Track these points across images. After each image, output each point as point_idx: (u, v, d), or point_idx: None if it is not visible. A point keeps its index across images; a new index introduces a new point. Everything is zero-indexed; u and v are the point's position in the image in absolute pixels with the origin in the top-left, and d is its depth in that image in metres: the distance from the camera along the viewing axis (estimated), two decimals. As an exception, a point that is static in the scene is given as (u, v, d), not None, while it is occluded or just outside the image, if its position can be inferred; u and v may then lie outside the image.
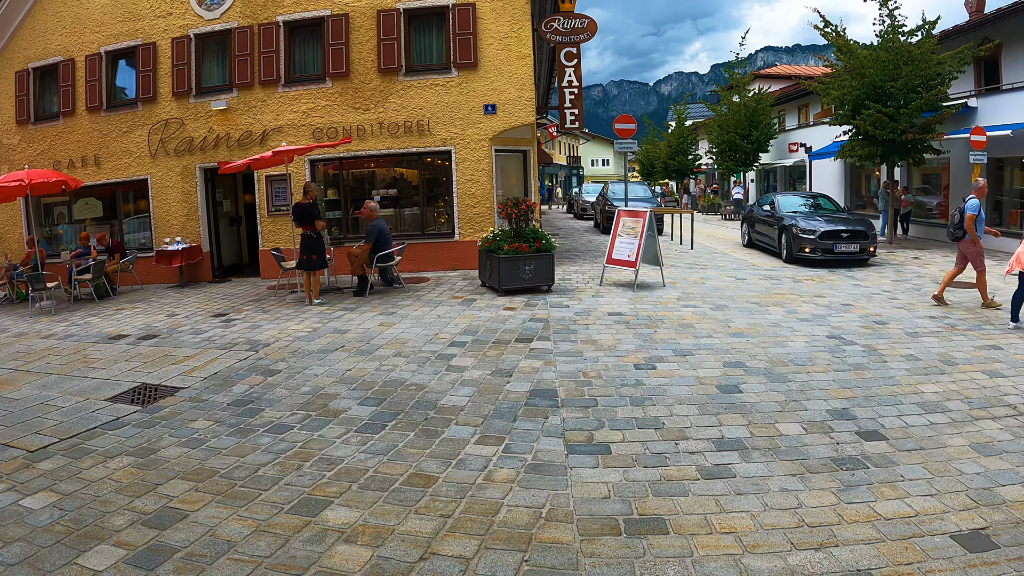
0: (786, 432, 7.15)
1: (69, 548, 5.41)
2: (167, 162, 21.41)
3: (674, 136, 51.37)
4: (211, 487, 6.40)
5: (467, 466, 6.58)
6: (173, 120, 21.25)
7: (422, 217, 20.15)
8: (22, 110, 23.21)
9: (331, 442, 7.34)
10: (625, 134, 22.94)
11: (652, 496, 5.85)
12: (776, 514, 5.48)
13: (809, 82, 27.36)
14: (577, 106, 20.64)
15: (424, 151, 19.77)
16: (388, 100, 19.57)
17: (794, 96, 40.56)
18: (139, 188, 22.15)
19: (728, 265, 19.18)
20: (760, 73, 52.22)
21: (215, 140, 20.80)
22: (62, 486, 6.62)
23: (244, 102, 20.57)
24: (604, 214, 30.47)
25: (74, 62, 22.26)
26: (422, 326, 12.40)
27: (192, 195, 21.27)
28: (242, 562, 5.07)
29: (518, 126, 19.27)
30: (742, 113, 37.96)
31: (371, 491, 6.14)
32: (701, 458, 6.59)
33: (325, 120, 19.90)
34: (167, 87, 21.24)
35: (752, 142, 37.86)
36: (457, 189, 19.46)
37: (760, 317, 12.25)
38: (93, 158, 22.21)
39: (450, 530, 5.39)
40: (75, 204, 23.18)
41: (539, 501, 5.81)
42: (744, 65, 42.14)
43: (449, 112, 19.30)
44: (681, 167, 51.25)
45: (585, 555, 4.99)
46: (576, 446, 6.95)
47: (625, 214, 15.92)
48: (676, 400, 8.16)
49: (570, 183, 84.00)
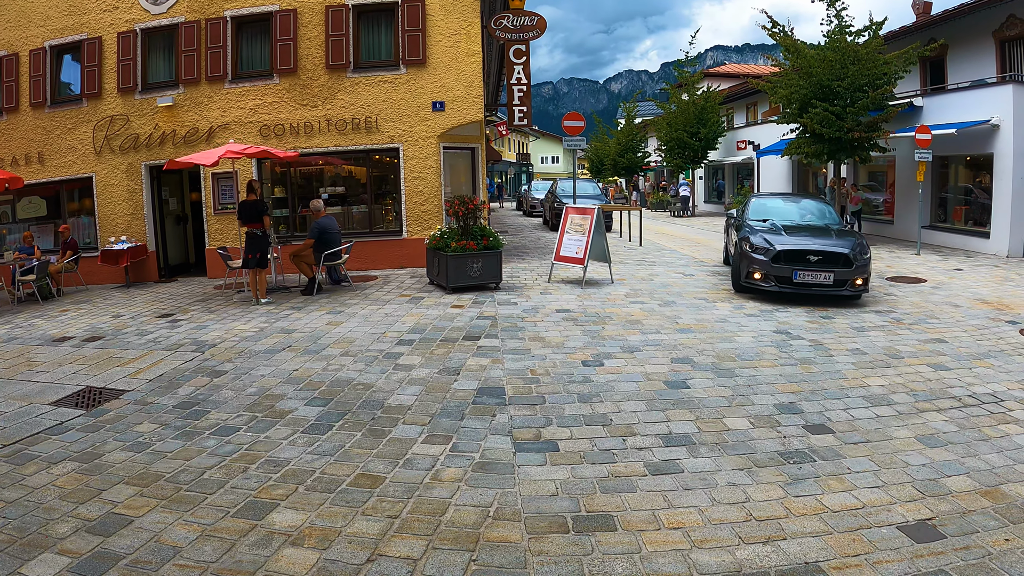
0: (733, 427, 7.25)
1: (12, 557, 5.32)
2: (112, 160, 21.10)
3: (623, 134, 51.69)
4: (156, 491, 6.34)
5: (414, 466, 6.58)
6: (118, 117, 20.94)
7: (370, 215, 20.06)
8: (-36, 107, 22.74)
9: (277, 444, 7.30)
10: (574, 131, 23.00)
11: (600, 493, 5.89)
12: (724, 508, 5.56)
13: (757, 81, 27.66)
14: (526, 103, 20.66)
15: (372, 148, 19.69)
16: (336, 97, 19.47)
17: (743, 95, 41.00)
18: (84, 186, 21.80)
19: (676, 262, 19.33)
20: (710, 72, 52.60)
21: (161, 137, 20.54)
22: (5, 493, 6.51)
23: (191, 98, 20.34)
24: (553, 211, 30.54)
25: (18, 56, 21.85)
26: (370, 325, 12.35)
27: (138, 193, 20.99)
28: (188, 568, 5.03)
29: (466, 123, 19.26)
30: (691, 111, 38.32)
31: (318, 493, 6.11)
32: (649, 454, 6.66)
33: (272, 117, 19.74)
34: (112, 83, 20.93)
35: (700, 140, 38.21)
36: (405, 187, 19.41)
37: (707, 313, 12.37)
38: (37, 155, 21.81)
39: (397, 531, 5.39)
40: (18, 203, 22.78)
41: (487, 500, 5.83)
42: (694, 64, 42.51)
43: (397, 109, 19.24)
44: (630, 164, 51.59)
45: (533, 553, 5.01)
46: (524, 444, 6.98)
47: (573, 211, 15.97)
48: (624, 396, 8.23)
49: (519, 180, 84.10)
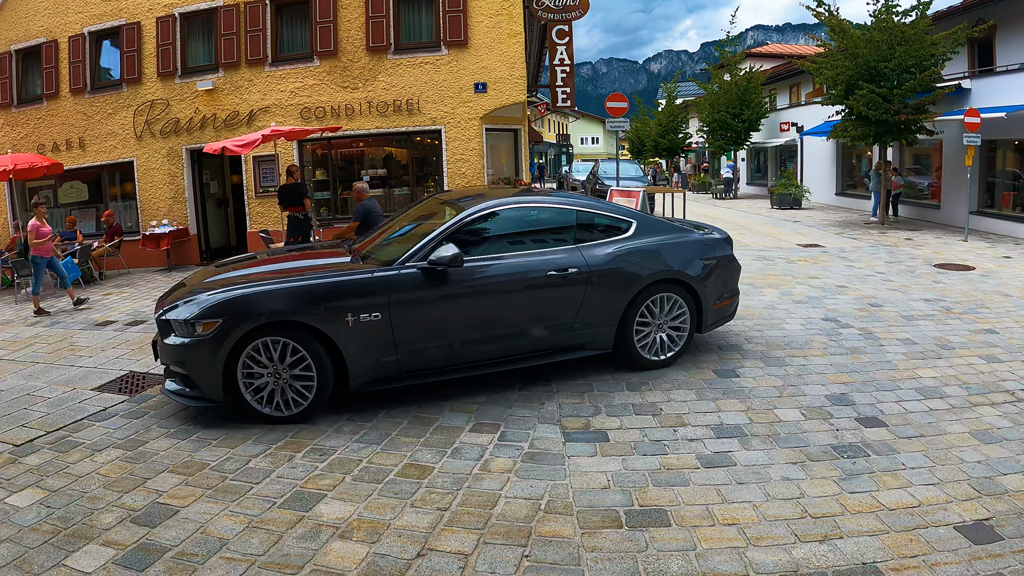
0: (785, 418, 7.03)
1: (57, 548, 5.25)
2: (153, 144, 21.20)
3: (664, 115, 51.15)
4: (201, 481, 6.26)
5: (463, 456, 6.45)
6: (159, 101, 21.02)
7: (412, 197, 19.98)
8: (4, 93, 22.94)
9: (323, 431, 7.20)
10: (617, 112, 22.71)
11: (652, 486, 5.72)
12: (779, 504, 5.36)
13: (802, 61, 27.23)
14: (569, 84, 20.45)
15: (414, 130, 19.60)
16: (377, 79, 19.37)
17: (786, 75, 40.37)
18: (125, 171, 21.96)
19: (721, 245, 19.01)
20: (751, 52, 52.09)
21: (201, 121, 20.59)
22: (49, 482, 6.45)
23: (231, 82, 20.35)
24: (595, 193, 30.30)
25: (57, 43, 21.99)
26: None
27: (179, 177, 21.07)
28: (235, 560, 4.94)
29: (509, 104, 19.09)
30: (733, 92, 37.80)
31: (365, 483, 6.00)
32: (700, 445, 6.47)
33: (313, 99, 19.70)
34: (152, 68, 21.00)
35: (743, 121, 37.70)
36: (447, 169, 19.29)
37: (754, 299, 12.12)
38: (78, 141, 21.98)
39: (447, 524, 5.26)
40: (60, 188, 22.95)
41: (537, 492, 5.68)
42: (735, 44, 41.97)
43: (439, 91, 19.11)
44: (671, 146, 51.05)
45: (586, 549, 4.86)
46: (573, 434, 6.82)
47: (618, 194, 15.80)
48: (673, 385, 8.05)
49: (560, 161, 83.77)
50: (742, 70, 39.22)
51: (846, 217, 26.18)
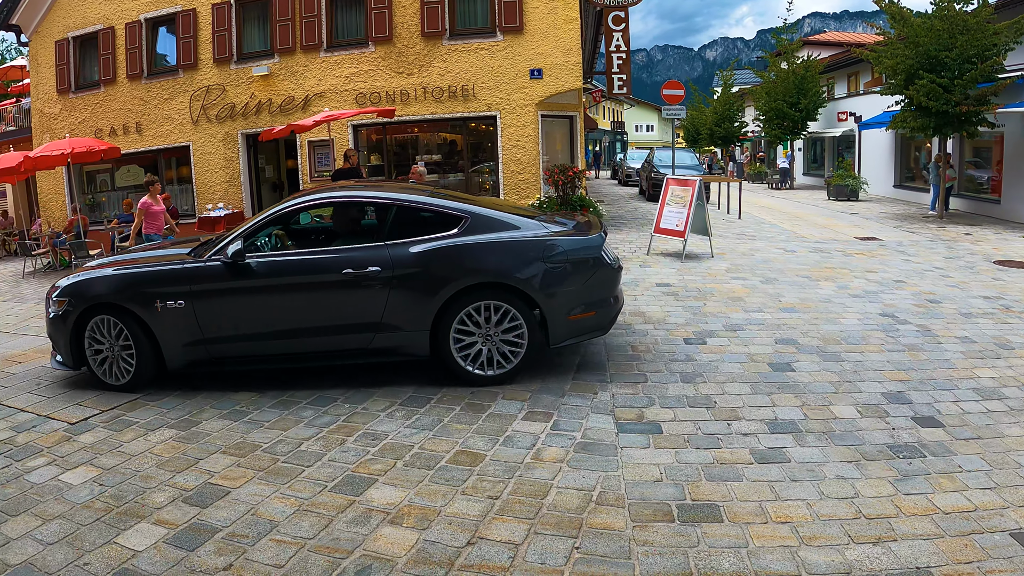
0: (841, 415, 6.84)
1: (109, 526, 5.30)
2: (209, 128, 21.44)
3: (720, 103, 50.65)
4: (253, 462, 6.28)
5: (515, 444, 6.38)
6: (215, 87, 21.24)
7: (467, 183, 19.97)
8: (63, 79, 23.36)
9: (375, 416, 7.19)
10: (673, 100, 22.55)
11: (705, 480, 5.60)
12: (833, 504, 5.21)
13: (861, 50, 26.73)
14: (625, 71, 20.33)
15: (469, 116, 19.58)
16: (432, 64, 19.36)
17: (844, 64, 39.71)
18: (181, 155, 22.26)
19: (776, 236, 18.79)
20: (809, 39, 51.25)
21: (257, 106, 20.77)
22: (102, 460, 6.53)
23: (286, 67, 20.49)
24: (650, 181, 30.12)
25: (114, 30, 22.33)
26: (467, 295, 12.16)
27: (234, 161, 21.27)
28: (285, 543, 4.93)
29: (564, 91, 18.98)
30: (790, 80, 37.24)
31: (417, 469, 5.96)
32: (754, 440, 6.32)
33: (368, 85, 19.75)
34: (208, 54, 21.24)
35: (800, 110, 37.15)
36: (502, 155, 19.25)
37: (811, 292, 11.90)
38: (135, 125, 22.32)
39: (498, 513, 5.20)
40: (117, 172, 23.31)
41: (589, 483, 5.59)
42: (792, 31, 41.35)
43: (494, 77, 19.06)
44: (727, 134, 50.55)
45: (638, 543, 4.77)
46: (626, 424, 6.72)
47: (674, 182, 15.62)
48: (728, 377, 7.89)
49: (614, 149, 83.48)
50: (799, 58, 38.61)
51: (904, 210, 25.71)
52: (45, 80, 24.18)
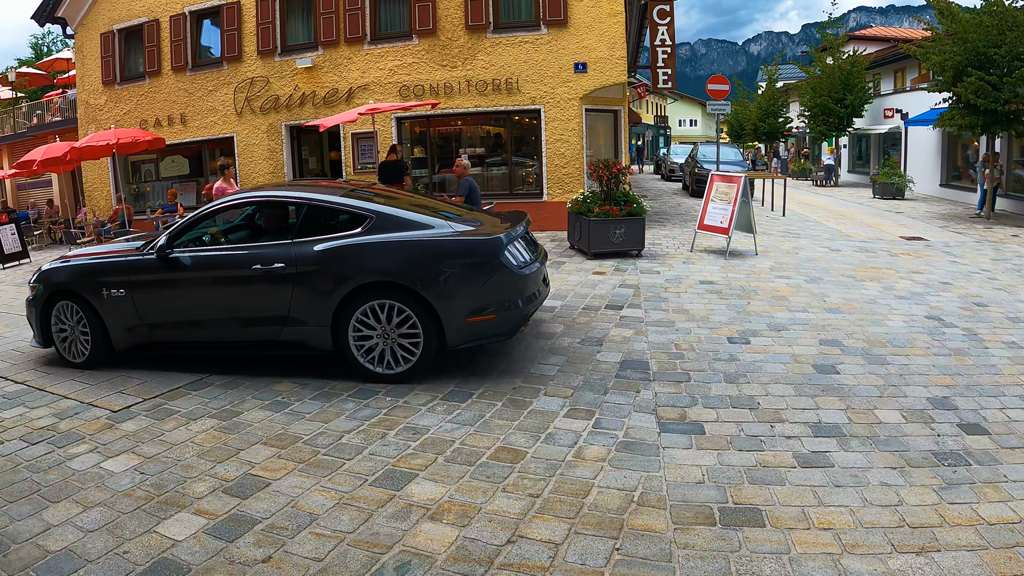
0: (885, 420, 6.69)
1: (149, 515, 5.32)
2: (253, 120, 21.58)
3: (764, 98, 50.20)
4: (294, 454, 6.28)
5: (556, 441, 6.33)
6: (259, 79, 21.38)
7: (510, 176, 19.94)
8: (108, 71, 23.66)
9: (416, 410, 7.17)
10: (718, 95, 22.35)
11: (748, 483, 5.51)
12: (876, 511, 5.09)
13: (907, 46, 26.39)
14: (670, 65, 20.19)
15: (513, 110, 19.52)
16: (476, 58, 19.31)
17: (890, 59, 39.17)
18: (225, 146, 22.44)
19: (822, 235, 18.57)
20: (854, 34, 50.50)
21: (301, 98, 20.86)
22: (144, 448, 6.57)
23: (330, 60, 20.55)
24: (694, 177, 29.93)
25: (158, 22, 22.58)
26: (509, 289, 12.14)
27: (278, 153, 21.39)
28: (324, 536, 4.92)
29: (609, 85, 18.86)
30: (836, 76, 36.80)
31: (457, 465, 5.93)
32: (798, 443, 6.20)
33: (412, 78, 19.75)
34: (252, 46, 21.37)
35: (845, 106, 36.70)
36: (546, 149, 19.17)
37: (856, 292, 11.73)
38: (179, 117, 22.55)
39: (539, 511, 5.15)
40: (162, 162, 23.56)
41: (631, 483, 5.52)
42: (837, 25, 40.84)
43: (538, 70, 18.97)
44: (771, 130, 50.09)
45: (679, 546, 4.70)
46: (669, 424, 6.64)
47: (719, 179, 15.49)
48: (771, 378, 7.78)
49: (657, 143, 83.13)
50: (845, 53, 38.15)
51: (950, 210, 25.33)
52: (91, 72, 24.46)
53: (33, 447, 6.75)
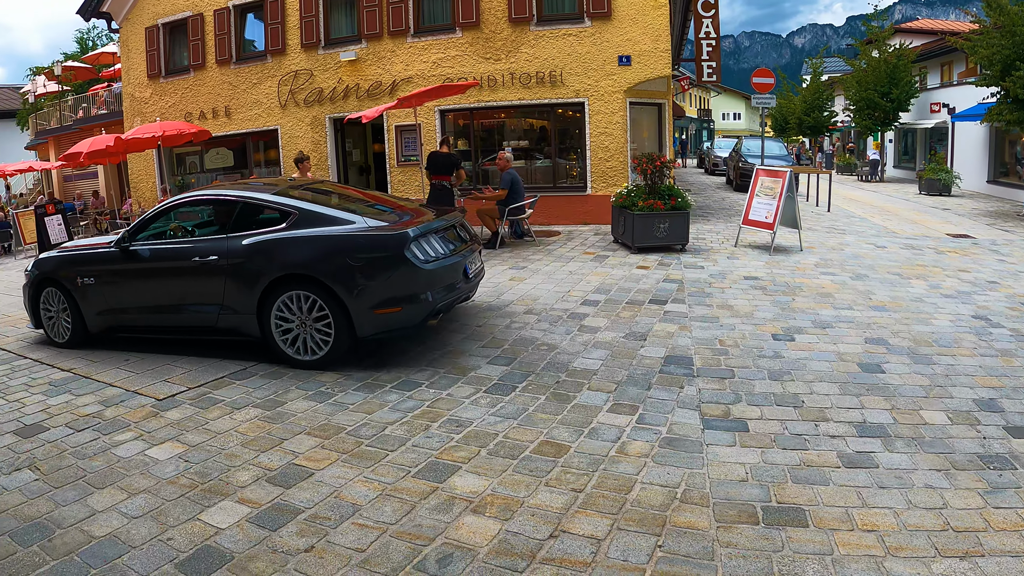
0: (931, 421, 6.55)
1: (193, 503, 5.38)
2: (297, 113, 21.72)
3: (809, 91, 49.67)
4: (337, 445, 6.32)
5: (599, 436, 6.30)
6: (302, 72, 21.50)
7: (553, 170, 19.90)
8: (153, 64, 23.96)
9: (460, 402, 7.18)
10: (763, 89, 22.15)
11: (791, 483, 5.43)
12: (920, 514, 4.99)
13: (954, 39, 25.90)
14: (714, 59, 20.01)
15: (556, 102, 19.44)
16: (519, 50, 19.26)
17: (937, 53, 38.55)
18: (269, 138, 22.64)
19: (867, 231, 18.32)
20: (901, 27, 49.70)
21: (344, 91, 20.95)
22: (188, 437, 6.65)
23: (373, 53, 20.61)
24: (738, 171, 29.75)
25: (203, 16, 22.81)
26: (553, 282, 12.19)
27: (322, 145, 21.50)
28: (367, 527, 4.94)
29: (653, 78, 18.73)
30: (882, 69, 36.26)
31: (500, 458, 5.92)
32: (842, 443, 6.11)
33: (455, 70, 19.74)
34: (296, 39, 21.50)
35: (892, 100, 36.16)
36: (590, 142, 19.09)
37: (902, 290, 11.54)
38: (223, 109, 22.77)
39: (581, 506, 5.13)
40: (206, 154, 23.80)
41: (674, 480, 5.48)
42: (882, 18, 40.15)
43: (582, 63, 18.88)
44: (816, 124, 49.56)
45: (721, 544, 4.65)
46: (712, 421, 6.58)
47: (764, 173, 15.35)
48: (816, 376, 7.67)
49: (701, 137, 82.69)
50: (891, 46, 37.59)
51: (998, 207, 24.88)
52: (136, 65, 24.75)
53: (79, 434, 6.87)
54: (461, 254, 8.91)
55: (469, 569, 4.46)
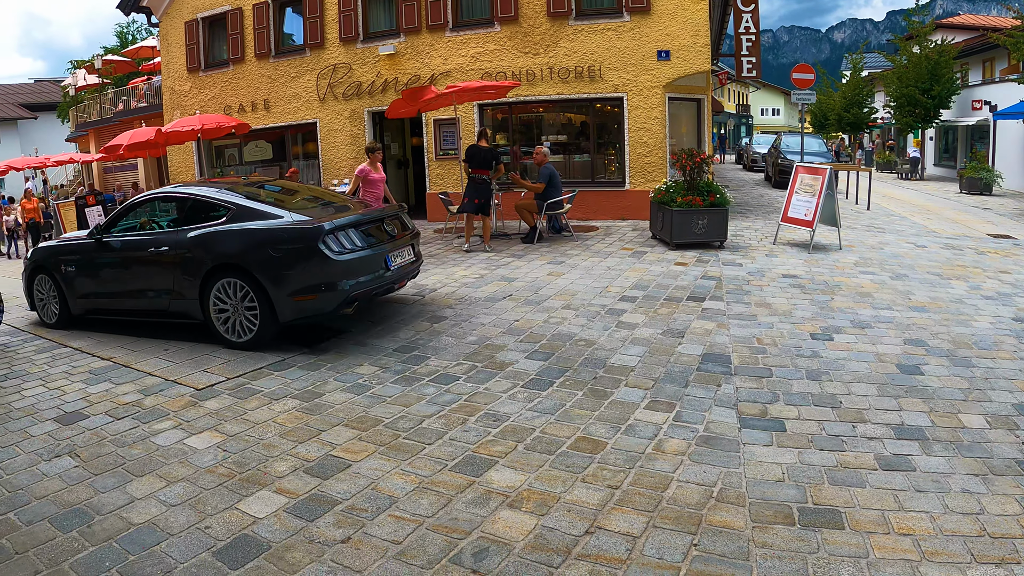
0: (969, 425, 6.45)
1: (231, 492, 5.45)
2: (335, 106, 21.83)
3: (849, 87, 49.21)
4: (374, 437, 6.36)
5: (636, 433, 6.29)
6: (341, 65, 21.60)
7: (592, 164, 19.84)
8: (192, 58, 24.21)
9: (497, 397, 7.20)
10: (803, 84, 21.93)
11: (828, 484, 5.39)
12: (957, 519, 4.93)
13: (997, 35, 25.57)
14: (754, 54, 19.85)
15: (595, 97, 19.37)
16: (558, 45, 19.22)
17: (979, 49, 38.01)
18: (308, 131, 22.78)
19: (907, 230, 18.12)
20: (942, 22, 48.97)
21: (383, 84, 21.01)
22: (227, 427, 6.73)
23: (412, 47, 20.65)
24: (776, 167, 29.51)
25: (242, 11, 23.01)
26: (591, 278, 12.17)
27: (360, 138, 21.58)
28: (403, 520, 4.97)
29: (692, 73, 18.63)
30: (923, 66, 35.77)
31: (537, 453, 5.93)
32: (879, 445, 6.04)
33: (494, 65, 19.74)
34: (334, 33, 21.60)
35: (932, 97, 35.68)
36: (629, 137, 18.99)
37: (942, 291, 11.37)
38: (262, 103, 22.95)
39: (618, 503, 5.12)
40: (245, 147, 23.99)
41: (710, 479, 5.46)
42: (923, 13, 39.62)
43: (621, 57, 18.78)
44: (856, 120, 49.08)
45: (756, 544, 4.63)
46: (749, 420, 6.54)
47: (803, 170, 15.23)
48: (854, 377, 7.58)
49: (739, 133, 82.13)
50: (932, 42, 37.08)
51: (1041, 206, 24.60)
52: (175, 59, 25.00)
53: (118, 422, 6.98)
54: (381, 247, 9.46)
55: (505, 563, 4.47)
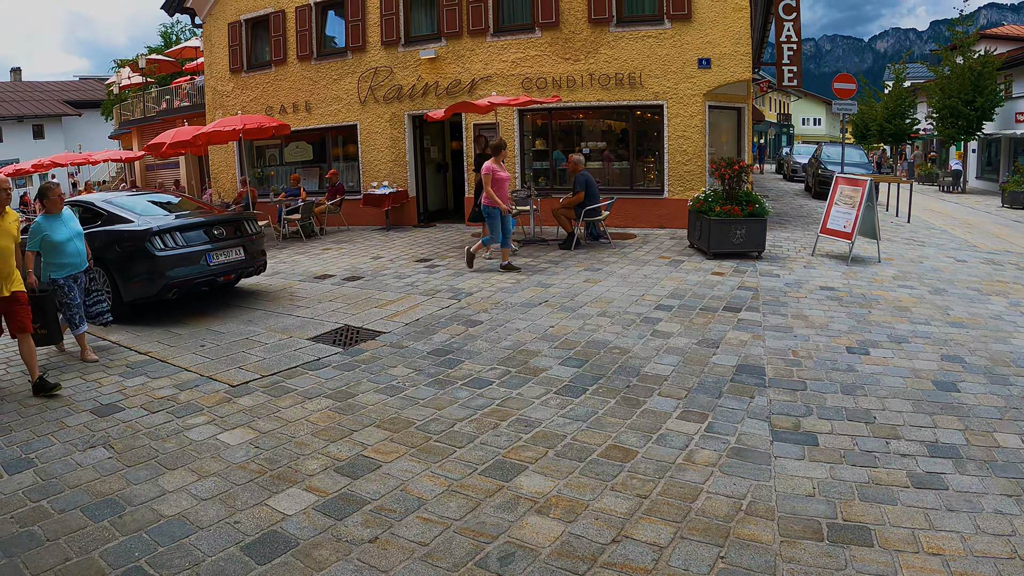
0: (1004, 444, 6.32)
1: (262, 488, 5.53)
2: (376, 109, 21.96)
3: (891, 98, 48.67)
4: (406, 439, 6.40)
5: (667, 443, 6.26)
6: (382, 68, 21.72)
7: (631, 172, 19.78)
8: (235, 59, 24.50)
9: (530, 402, 7.20)
10: (845, 94, 21.76)
11: (858, 500, 5.33)
12: (987, 540, 4.85)
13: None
14: (796, 63, 19.72)
15: (635, 104, 19.30)
16: (599, 51, 19.19)
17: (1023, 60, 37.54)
18: (348, 133, 22.96)
19: (948, 244, 17.87)
20: (985, 33, 48.12)
21: (423, 88, 21.09)
22: (260, 424, 6.82)
23: (452, 51, 20.72)
24: (816, 178, 29.25)
25: (284, 13, 23.25)
26: (628, 285, 12.13)
27: (400, 141, 21.69)
28: (431, 522, 5.01)
29: (733, 82, 18.50)
30: (966, 76, 35.23)
31: (567, 460, 5.93)
32: (912, 462, 5.95)
33: (534, 70, 19.75)
34: (376, 36, 21.75)
35: (976, 109, 35.17)
36: (668, 145, 18.89)
37: (981, 307, 11.17)
38: (304, 104, 23.16)
39: (646, 512, 5.11)
40: (286, 148, 24.23)
41: (740, 491, 5.43)
42: (967, 23, 39.07)
43: (662, 65, 18.72)
44: (897, 131, 48.54)
45: (784, 559, 4.60)
46: (782, 433, 6.49)
47: (844, 181, 15.10)
48: (889, 392, 7.48)
49: (780, 142, 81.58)
50: (976, 53, 36.55)
51: (1086, 222, 24.22)
52: (218, 60, 25.27)
53: (153, 415, 7.12)
54: (202, 246, 11.23)
55: (530, 569, 4.49)
